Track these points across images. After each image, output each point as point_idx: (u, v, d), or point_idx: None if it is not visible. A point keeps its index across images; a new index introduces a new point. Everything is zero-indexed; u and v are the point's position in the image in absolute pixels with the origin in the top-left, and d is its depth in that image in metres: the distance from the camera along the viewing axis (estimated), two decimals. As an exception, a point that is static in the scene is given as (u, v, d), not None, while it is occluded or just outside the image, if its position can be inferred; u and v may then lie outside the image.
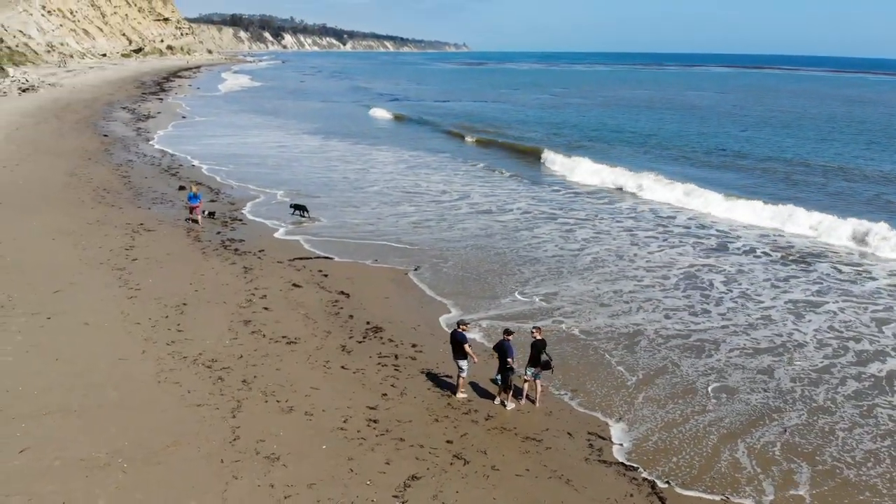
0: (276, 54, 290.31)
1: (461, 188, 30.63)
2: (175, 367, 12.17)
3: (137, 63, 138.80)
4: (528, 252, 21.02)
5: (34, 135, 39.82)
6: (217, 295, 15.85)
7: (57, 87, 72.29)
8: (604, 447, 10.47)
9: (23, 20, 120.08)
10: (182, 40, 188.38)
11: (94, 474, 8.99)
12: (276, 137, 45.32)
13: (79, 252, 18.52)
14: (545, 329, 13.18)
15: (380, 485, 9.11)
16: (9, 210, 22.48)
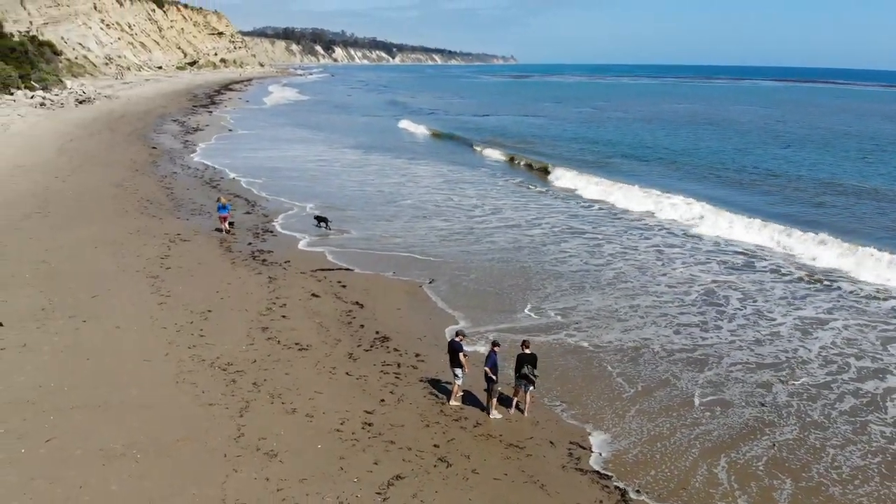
0: (325, 67, 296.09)
1: (493, 203, 31.34)
2: (193, 368, 13.18)
3: (191, 75, 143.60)
4: (553, 266, 21.63)
5: (87, 146, 42.01)
6: (240, 303, 16.89)
7: (112, 99, 75.62)
8: (582, 456, 11.03)
9: (82, 33, 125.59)
10: (235, 53, 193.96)
11: (111, 463, 9.98)
12: (317, 151, 46.66)
13: (118, 260, 19.84)
14: (552, 343, 13.90)
15: (365, 482, 9.88)
16: (58, 219, 24.09)
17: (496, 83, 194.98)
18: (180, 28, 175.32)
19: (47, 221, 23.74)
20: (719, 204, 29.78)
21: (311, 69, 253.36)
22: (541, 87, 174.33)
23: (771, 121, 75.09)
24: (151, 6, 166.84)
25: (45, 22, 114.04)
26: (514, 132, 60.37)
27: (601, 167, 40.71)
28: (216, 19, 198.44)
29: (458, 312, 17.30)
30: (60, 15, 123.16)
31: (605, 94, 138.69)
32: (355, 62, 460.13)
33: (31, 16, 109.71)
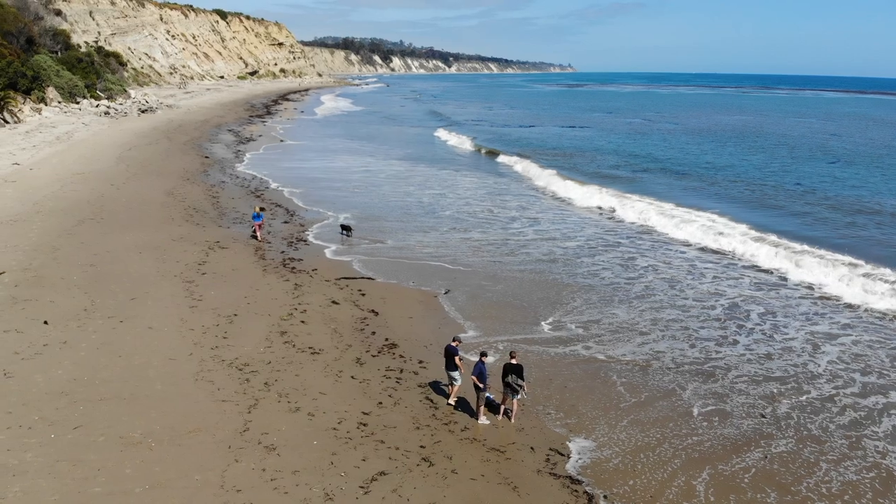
0: (380, 77, 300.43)
1: (531, 215, 32.10)
2: (213, 368, 14.36)
3: (251, 85, 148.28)
4: (585, 279, 22.33)
5: (144, 155, 44.40)
6: (265, 308, 18.08)
7: (173, 109, 79.06)
8: (559, 462, 11.70)
9: (148, 44, 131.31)
10: (294, 64, 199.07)
11: (128, 449, 11.15)
12: (363, 162, 48.02)
13: (158, 265, 21.34)
14: (566, 354, 14.83)
15: (351, 476, 10.79)
16: (109, 225, 25.89)
17: (549, 92, 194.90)
18: (242, 39, 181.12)
19: (99, 227, 25.54)
20: (745, 223, 29.66)
21: (367, 79, 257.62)
22: (594, 96, 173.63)
23: (824, 135, 73.35)
24: (215, 18, 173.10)
25: (112, 32, 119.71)
26: (555, 144, 60.69)
27: (635, 183, 40.68)
28: (277, 30, 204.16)
29: (469, 322, 18.12)
30: (128, 26, 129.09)
31: (659, 104, 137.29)
32: (412, 71, 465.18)
33: (99, 26, 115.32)
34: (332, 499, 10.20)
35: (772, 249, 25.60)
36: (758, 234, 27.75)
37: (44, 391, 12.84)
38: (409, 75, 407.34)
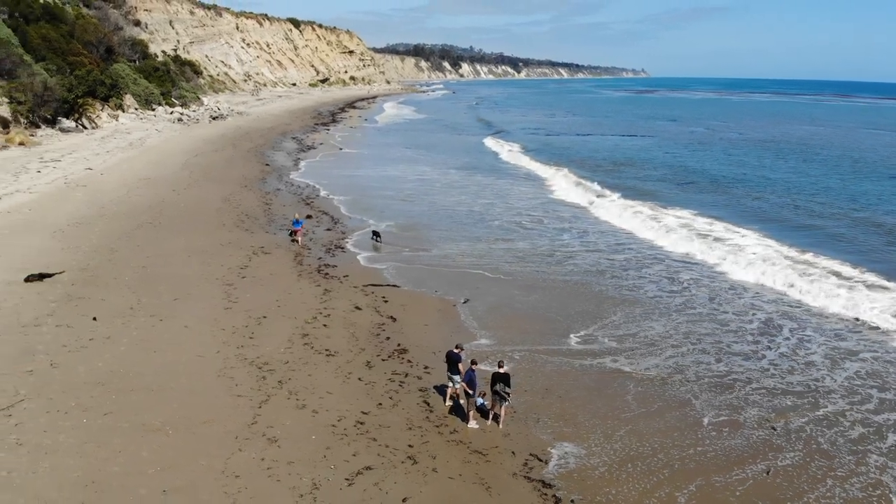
0: (446, 84, 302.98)
1: (582, 226, 32.57)
2: (235, 365, 15.69)
3: (321, 93, 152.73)
4: (630, 292, 22.89)
5: (209, 161, 46.96)
6: (293, 311, 19.40)
7: (243, 116, 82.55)
8: (536, 466, 12.42)
9: (224, 52, 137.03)
10: (363, 71, 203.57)
11: (147, 435, 12.52)
12: (418, 171, 49.17)
13: (203, 268, 23.01)
14: (589, 366, 15.99)
15: (340, 469, 11.83)
16: (164, 230, 27.88)
17: (616, 99, 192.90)
18: (314, 47, 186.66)
19: (155, 231, 27.55)
20: (787, 243, 29.29)
21: (433, 85, 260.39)
22: (661, 103, 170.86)
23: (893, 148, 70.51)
24: (289, 26, 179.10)
25: (191, 41, 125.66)
26: (607, 154, 60.33)
27: (676, 197, 40.28)
28: (348, 38, 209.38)
29: (484, 332, 18.93)
30: (206, 35, 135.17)
31: (727, 112, 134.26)
32: (481, 77, 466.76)
33: (178, 35, 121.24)
34: (318, 488, 11.27)
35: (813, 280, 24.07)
36: (799, 256, 27.14)
37: (83, 381, 14.41)
38: (478, 81, 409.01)
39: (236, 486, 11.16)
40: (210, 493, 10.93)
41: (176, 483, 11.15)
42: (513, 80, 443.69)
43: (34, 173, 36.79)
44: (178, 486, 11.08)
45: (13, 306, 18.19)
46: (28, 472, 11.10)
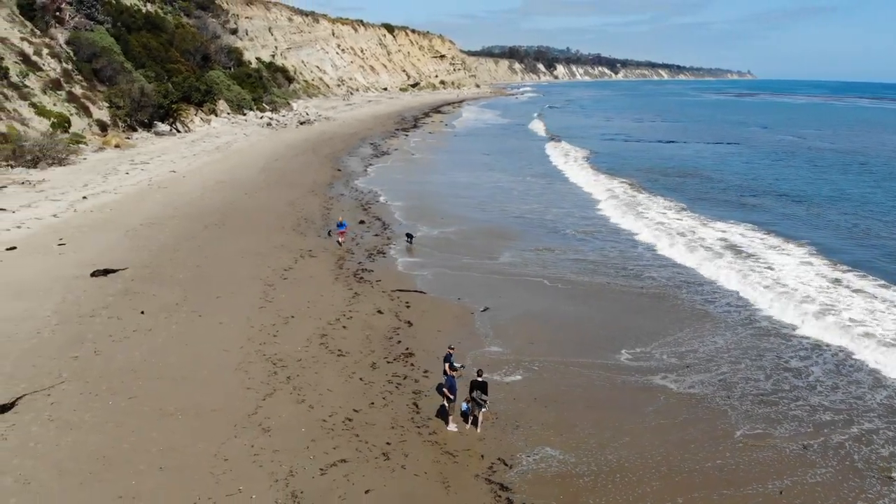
0: (537, 86, 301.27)
1: (665, 238, 32.10)
2: (253, 360, 17.26)
3: (410, 97, 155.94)
4: (702, 306, 23.21)
5: (286, 166, 49.64)
6: (319, 312, 20.88)
7: (330, 121, 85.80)
8: (500, 471, 13.21)
9: (320, 57, 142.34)
10: (453, 75, 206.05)
11: (160, 419, 14.20)
12: (489, 177, 49.67)
13: (252, 269, 24.92)
14: (633, 382, 16.97)
15: (318, 460, 13.07)
16: (227, 231, 30.15)
17: (712, 102, 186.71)
18: (406, 52, 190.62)
19: (219, 232, 29.85)
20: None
21: (523, 88, 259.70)
22: (758, 108, 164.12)
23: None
24: (383, 32, 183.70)
25: (288, 47, 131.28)
26: (679, 164, 58.50)
27: (720, 214, 38.96)
28: (440, 42, 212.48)
29: (499, 340, 19.71)
30: (302, 41, 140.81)
31: (825, 118, 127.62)
32: (576, 79, 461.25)
33: (276, 41, 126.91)
34: (293, 475, 12.55)
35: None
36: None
37: (118, 368, 16.34)
38: (573, 83, 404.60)
39: (223, 468, 12.60)
40: (198, 473, 12.42)
41: (172, 462, 12.71)
42: (609, 82, 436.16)
43: (122, 175, 40.31)
44: (173, 465, 12.63)
45: (76, 298, 20.55)
46: (53, 444, 12.96)
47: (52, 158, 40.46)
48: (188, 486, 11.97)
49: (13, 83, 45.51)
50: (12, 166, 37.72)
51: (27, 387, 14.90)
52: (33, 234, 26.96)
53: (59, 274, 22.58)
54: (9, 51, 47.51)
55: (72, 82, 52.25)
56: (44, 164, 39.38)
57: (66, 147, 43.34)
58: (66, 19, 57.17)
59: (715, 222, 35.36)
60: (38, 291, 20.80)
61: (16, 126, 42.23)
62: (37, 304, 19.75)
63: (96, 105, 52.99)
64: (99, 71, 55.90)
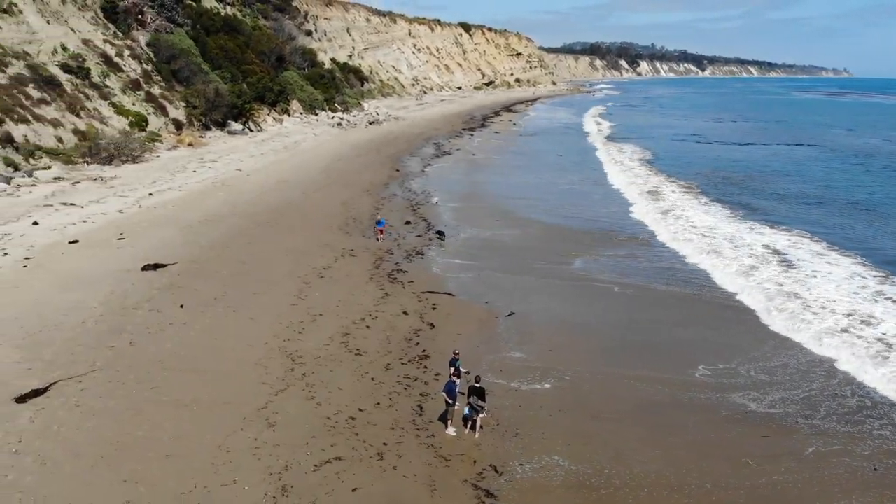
0: (618, 83, 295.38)
1: (704, 245, 31.24)
2: (274, 356, 17.99)
3: (483, 96, 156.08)
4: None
5: (348, 166, 50.76)
6: (347, 312, 21.48)
7: (399, 121, 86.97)
8: (489, 477, 13.35)
9: (396, 57, 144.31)
10: (529, 73, 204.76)
11: (176, 409, 15.06)
12: (550, 179, 49.36)
13: (293, 267, 25.81)
14: (711, 400, 16.83)
15: (314, 456, 13.58)
16: (278, 229, 31.27)
17: (801, 102, 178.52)
18: (482, 50, 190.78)
19: (270, 230, 31.00)
20: None
21: (601, 85, 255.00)
22: (849, 107, 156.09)
23: None
24: (459, 31, 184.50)
25: (365, 47, 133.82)
26: (748, 168, 56.14)
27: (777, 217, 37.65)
28: (517, 40, 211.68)
29: (522, 346, 19.75)
30: (379, 41, 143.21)
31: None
32: (660, 76, 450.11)
33: (354, 41, 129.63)
34: (287, 470, 13.11)
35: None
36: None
37: (148, 359, 17.37)
38: (656, 80, 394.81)
39: (223, 458, 13.30)
40: (200, 462, 13.14)
41: (179, 451, 13.50)
42: (694, 79, 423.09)
43: (190, 172, 42.35)
44: (178, 453, 13.42)
45: (123, 291, 21.91)
46: (74, 428, 13.99)
47: (127, 156, 42.96)
48: (188, 475, 12.70)
49: (94, 83, 48.51)
50: (88, 163, 40.28)
51: (62, 374, 16.08)
52: (97, 229, 28.79)
53: (113, 267, 24.08)
54: (91, 52, 50.62)
55: (151, 83, 55.16)
56: (118, 162, 41.86)
57: (141, 145, 45.92)
58: (148, 22, 60.31)
59: (768, 230, 34.10)
60: (91, 283, 22.28)
61: (95, 124, 45.02)
62: (87, 296, 21.18)
63: (173, 105, 55.76)
64: (177, 72, 58.75)
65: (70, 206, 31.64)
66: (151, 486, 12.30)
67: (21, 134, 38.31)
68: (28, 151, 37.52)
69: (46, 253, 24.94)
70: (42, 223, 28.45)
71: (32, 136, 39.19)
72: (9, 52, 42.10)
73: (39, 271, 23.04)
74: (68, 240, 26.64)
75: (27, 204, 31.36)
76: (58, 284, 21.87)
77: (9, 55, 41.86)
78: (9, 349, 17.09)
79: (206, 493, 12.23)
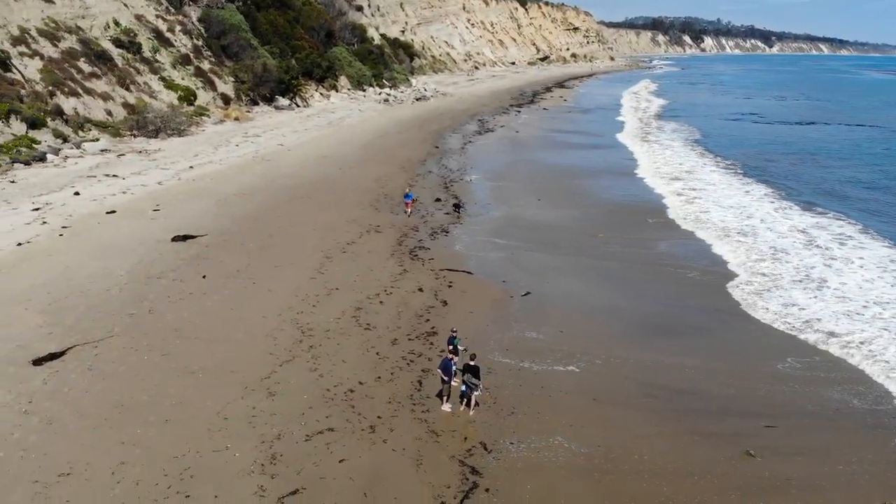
0: (678, 59, 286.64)
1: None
2: (285, 328, 18.36)
3: (537, 71, 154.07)
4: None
5: (387, 142, 50.89)
6: (363, 286, 21.70)
7: (447, 97, 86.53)
8: (477, 454, 13.39)
9: (448, 32, 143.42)
10: (586, 48, 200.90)
11: (182, 376, 15.57)
12: (588, 157, 48.95)
13: (318, 241, 26.16)
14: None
15: (308, 426, 13.88)
16: (308, 204, 31.69)
17: (869, 81, 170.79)
18: (538, 25, 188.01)
19: (301, 205, 31.44)
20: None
21: (661, 61, 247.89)
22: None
23: None
24: (514, 5, 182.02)
25: (418, 22, 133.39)
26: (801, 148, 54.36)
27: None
28: (574, 15, 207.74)
29: (536, 327, 19.60)
30: (433, 16, 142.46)
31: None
32: (725, 52, 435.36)
33: (407, 16, 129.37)
34: (279, 439, 13.45)
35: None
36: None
37: (164, 326, 17.97)
38: (720, 56, 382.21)
39: (219, 425, 13.72)
40: (196, 428, 13.60)
41: (178, 416, 13.99)
42: (760, 56, 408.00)
43: (233, 147, 43.21)
44: (178, 418, 13.91)
45: (151, 261, 22.64)
46: (83, 391, 14.63)
47: (173, 129, 44.11)
48: (183, 439, 13.16)
49: (145, 58, 49.80)
50: (135, 136, 41.54)
51: (80, 338, 16.80)
52: (135, 200, 29.75)
53: (145, 237, 24.89)
54: (143, 27, 51.91)
55: (200, 58, 56.30)
56: (164, 135, 43.02)
57: (188, 119, 47.05)
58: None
59: (798, 213, 32.94)
60: (121, 252, 23.09)
61: (144, 98, 46.31)
62: (115, 264, 21.98)
63: (222, 80, 56.86)
64: (226, 47, 59.77)
65: (112, 178, 32.74)
66: (146, 449, 12.80)
67: (71, 107, 39.73)
68: (77, 124, 38.91)
69: (83, 222, 25.93)
70: (83, 193, 29.57)
71: (82, 108, 40.59)
72: (62, 26, 43.54)
73: (74, 240, 23.99)
74: (106, 210, 27.63)
75: (72, 175, 32.59)
76: (89, 253, 22.75)
77: (62, 30, 43.30)
78: (34, 314, 17.92)
79: (197, 458, 12.66)
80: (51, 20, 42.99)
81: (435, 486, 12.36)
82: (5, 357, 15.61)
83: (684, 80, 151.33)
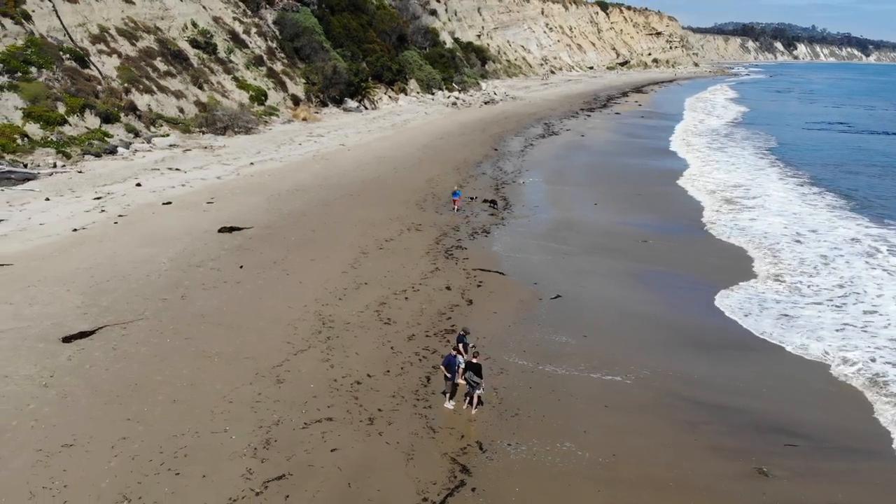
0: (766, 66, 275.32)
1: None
2: (307, 318, 18.68)
3: (615, 76, 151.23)
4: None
5: (447, 145, 51.03)
6: (392, 283, 21.83)
7: (516, 101, 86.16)
8: (471, 453, 13.21)
9: (525, 36, 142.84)
10: (669, 53, 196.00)
11: (198, 359, 16.06)
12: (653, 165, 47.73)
13: (358, 237, 26.50)
14: None
15: (308, 414, 14.07)
16: (358, 202, 32.13)
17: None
18: (619, 29, 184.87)
19: (350, 202, 31.93)
20: None
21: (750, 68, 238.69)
22: None
23: None
24: (595, 9, 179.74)
25: (495, 27, 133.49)
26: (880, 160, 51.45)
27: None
28: (657, 19, 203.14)
29: (559, 330, 19.21)
30: (510, 20, 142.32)
31: None
32: (819, 60, 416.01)
33: (484, 21, 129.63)
34: (278, 425, 13.68)
35: None
36: None
37: (192, 312, 18.60)
38: (814, 64, 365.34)
39: (223, 408, 14.09)
40: (201, 410, 14.00)
41: (186, 397, 14.44)
42: (857, 65, 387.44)
43: (295, 145, 44.37)
44: (186, 399, 14.36)
45: (194, 250, 23.49)
46: (102, 368, 15.31)
47: (240, 127, 45.66)
48: (185, 420, 13.58)
49: (220, 58, 51.80)
50: (203, 132, 43.22)
51: (112, 319, 17.60)
52: (192, 192, 30.95)
53: (194, 228, 25.85)
54: (220, 29, 54.01)
55: (273, 59, 58.10)
56: (231, 133, 44.59)
57: (257, 118, 48.64)
58: (276, 1, 63.36)
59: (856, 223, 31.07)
60: (168, 241, 24.06)
61: (216, 97, 48.15)
62: (160, 252, 22.92)
63: (293, 81, 58.49)
64: (299, 49, 61.45)
65: (175, 171, 34.18)
66: (149, 426, 13.27)
67: (145, 103, 41.74)
68: (150, 119, 40.84)
69: (139, 212, 27.17)
70: (144, 185, 31.00)
71: (155, 105, 42.59)
72: (140, 26, 45.84)
73: (127, 228, 25.17)
74: (163, 201, 28.85)
75: (137, 167, 34.23)
76: (138, 240, 23.81)
77: (140, 29, 45.58)
78: (74, 294, 18.90)
79: (195, 438, 13.03)
80: (130, 20, 45.34)
81: (421, 482, 12.29)
82: (39, 333, 16.52)
83: (770, 88, 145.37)
